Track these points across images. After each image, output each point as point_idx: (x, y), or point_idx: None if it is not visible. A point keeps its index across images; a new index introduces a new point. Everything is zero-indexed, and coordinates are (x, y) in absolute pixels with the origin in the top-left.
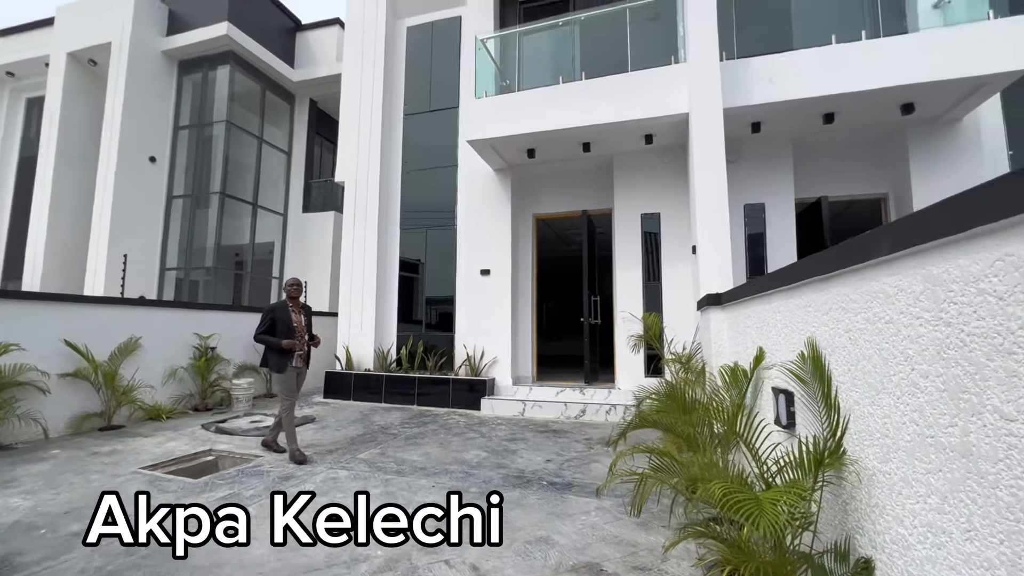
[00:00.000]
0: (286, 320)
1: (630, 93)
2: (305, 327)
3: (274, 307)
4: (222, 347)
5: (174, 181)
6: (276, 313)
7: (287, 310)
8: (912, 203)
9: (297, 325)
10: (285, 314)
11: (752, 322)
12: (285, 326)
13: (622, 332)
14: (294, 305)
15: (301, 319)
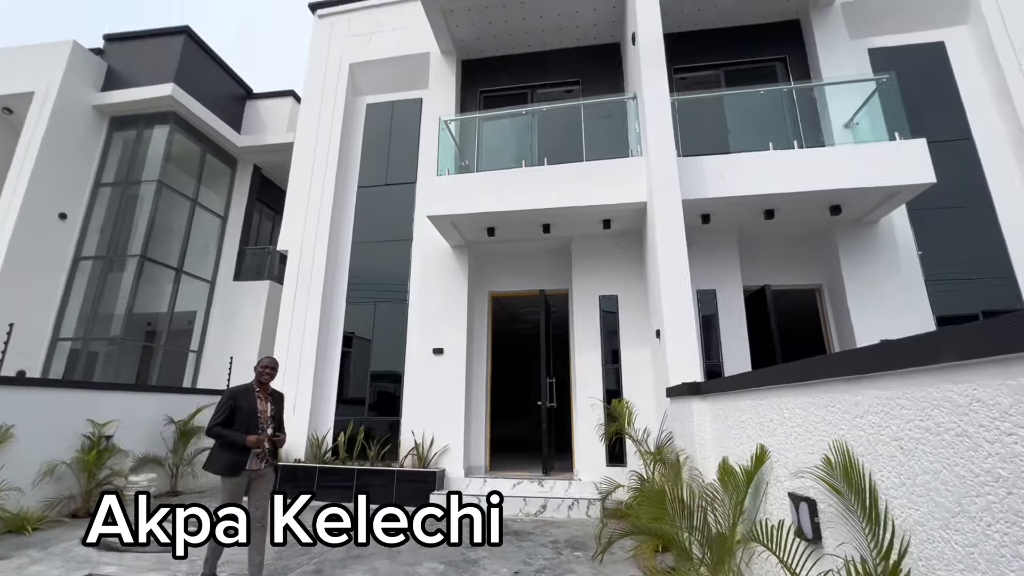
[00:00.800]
0: (249, 408)
1: (592, 180)
2: (271, 419)
3: (236, 392)
4: (121, 435)
5: (85, 241)
6: (238, 400)
7: (253, 396)
8: (845, 293)
9: (261, 414)
10: (250, 401)
11: (747, 417)
12: (247, 415)
13: (583, 417)
14: (262, 391)
15: (268, 408)
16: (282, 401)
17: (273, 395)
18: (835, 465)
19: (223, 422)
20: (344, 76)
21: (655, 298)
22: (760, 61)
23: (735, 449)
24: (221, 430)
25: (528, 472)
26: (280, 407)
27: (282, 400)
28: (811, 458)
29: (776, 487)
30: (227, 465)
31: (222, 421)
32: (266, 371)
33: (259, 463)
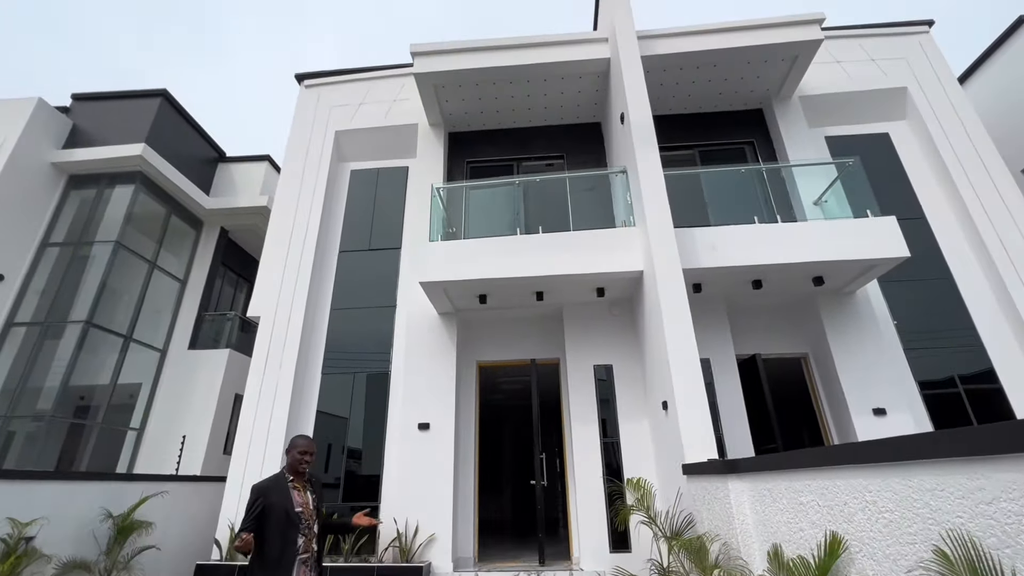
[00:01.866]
0: (283, 504)
1: (586, 248)
2: (316, 511)
3: (265, 487)
4: (46, 536)
5: (21, 304)
6: (269, 496)
7: (286, 489)
8: (833, 361)
9: (303, 509)
10: (283, 496)
11: (808, 499)
12: (282, 514)
13: (583, 496)
14: (297, 481)
15: (310, 499)
16: (320, 487)
17: (311, 482)
18: (955, 559)
19: (250, 528)
20: (329, 143)
21: (657, 369)
22: (730, 143)
23: (790, 536)
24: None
25: (522, 562)
26: (320, 496)
27: (320, 486)
28: (911, 549)
29: None
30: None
31: (249, 527)
32: (305, 457)
33: (309, 572)
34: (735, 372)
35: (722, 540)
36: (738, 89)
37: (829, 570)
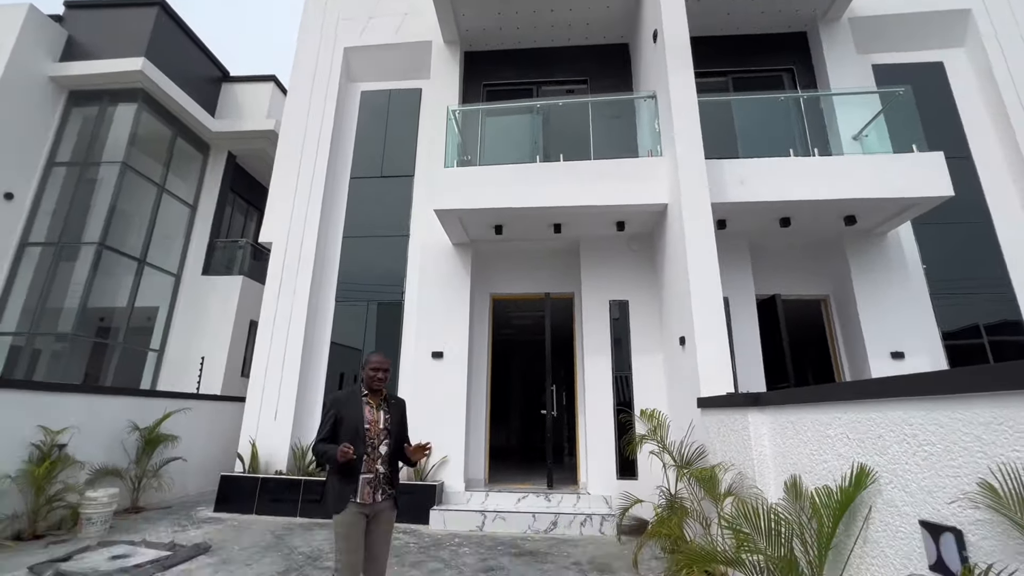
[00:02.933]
0: (354, 418)
1: (609, 179)
2: (386, 431)
3: (338, 399)
4: (77, 444)
5: (33, 224)
6: (341, 407)
7: (359, 404)
8: (855, 304)
9: (371, 426)
10: (355, 410)
11: (836, 432)
12: (352, 429)
13: (593, 427)
14: (372, 398)
15: (381, 418)
16: (403, 410)
17: (389, 402)
18: (1005, 493)
19: (327, 438)
20: (338, 60)
21: (676, 305)
22: (768, 70)
23: (812, 468)
24: (324, 447)
25: (531, 485)
26: (400, 417)
27: (403, 409)
28: (953, 482)
29: (888, 512)
30: (332, 497)
31: (325, 437)
32: (377, 374)
33: (373, 494)
34: (753, 312)
35: (737, 470)
36: (783, 8)
37: (853, 500)
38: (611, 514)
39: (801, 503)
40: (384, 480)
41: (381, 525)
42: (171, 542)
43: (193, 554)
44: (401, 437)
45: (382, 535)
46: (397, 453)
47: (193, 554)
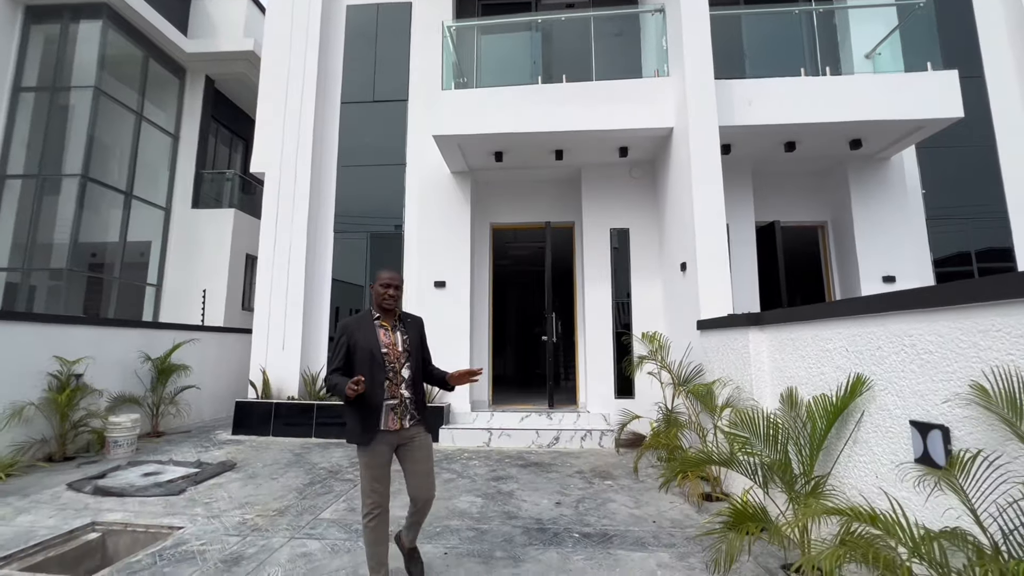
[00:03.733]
0: (368, 343)
1: (613, 101)
2: (406, 353)
3: (349, 324)
4: (93, 374)
5: (9, 155)
6: (352, 333)
7: (372, 327)
8: (852, 230)
9: (388, 350)
10: (368, 334)
11: (835, 346)
12: (367, 355)
13: (592, 351)
14: (385, 319)
15: (398, 340)
16: (421, 328)
17: (404, 321)
18: (995, 392)
19: (341, 368)
20: None
21: (678, 231)
22: None
23: (809, 380)
24: (336, 379)
25: (533, 405)
26: (419, 337)
27: (420, 327)
28: (945, 385)
29: (880, 415)
30: (354, 430)
31: (339, 367)
32: (388, 291)
33: (399, 420)
34: (752, 238)
35: (735, 384)
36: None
37: (848, 406)
38: (609, 430)
39: (796, 411)
40: (411, 405)
41: (416, 450)
42: (197, 460)
43: (220, 470)
44: (421, 356)
45: (421, 457)
46: (421, 376)
47: (220, 470)
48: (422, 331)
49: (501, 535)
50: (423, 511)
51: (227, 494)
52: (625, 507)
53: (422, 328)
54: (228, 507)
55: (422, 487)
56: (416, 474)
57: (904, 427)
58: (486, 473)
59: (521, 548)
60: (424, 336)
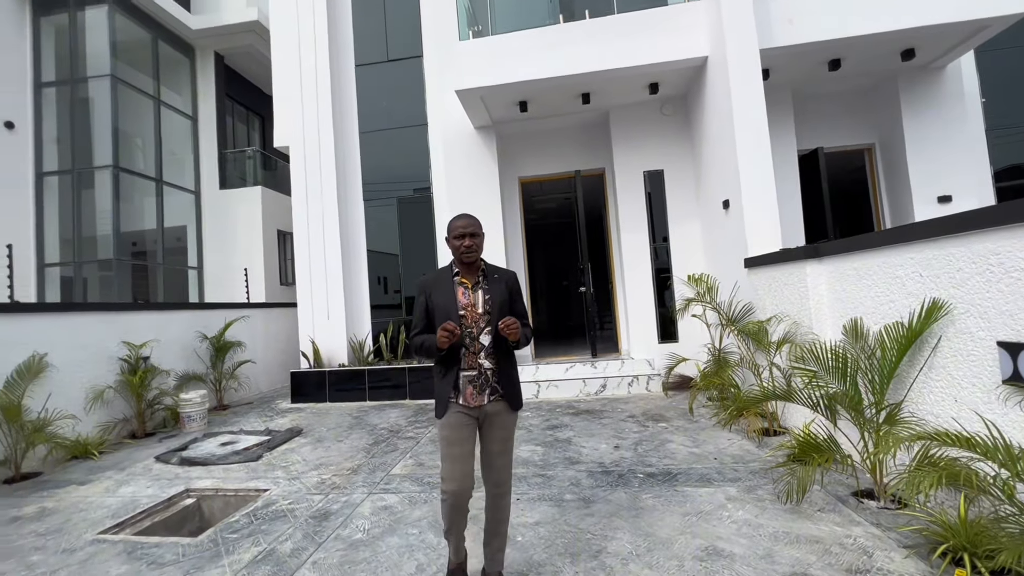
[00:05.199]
0: (445, 304)
1: (640, 34)
2: (487, 316)
3: (427, 282)
4: (157, 355)
5: (43, 154)
6: (431, 291)
7: (450, 284)
8: (904, 149)
9: (466, 312)
10: (445, 292)
11: (906, 272)
12: (443, 317)
13: (633, 298)
14: (466, 274)
15: (480, 299)
16: (510, 284)
17: (488, 275)
18: None
19: (424, 329)
20: None
21: (718, 167)
22: None
23: (876, 309)
24: (421, 339)
25: (576, 356)
26: (507, 294)
27: (509, 284)
28: None
29: (959, 340)
30: (437, 401)
31: (422, 329)
32: (463, 242)
33: (478, 395)
34: (795, 168)
35: (791, 320)
36: None
37: (922, 333)
38: (656, 374)
39: (862, 342)
40: (493, 377)
41: (493, 431)
42: (266, 429)
43: (289, 436)
44: (514, 314)
45: (496, 438)
46: (505, 341)
47: (289, 436)
48: (512, 288)
49: (567, 479)
50: (494, 508)
51: (300, 457)
52: (684, 446)
53: (512, 285)
54: (305, 469)
55: (489, 471)
56: (487, 455)
57: (988, 349)
58: (540, 423)
59: (589, 490)
60: (515, 294)
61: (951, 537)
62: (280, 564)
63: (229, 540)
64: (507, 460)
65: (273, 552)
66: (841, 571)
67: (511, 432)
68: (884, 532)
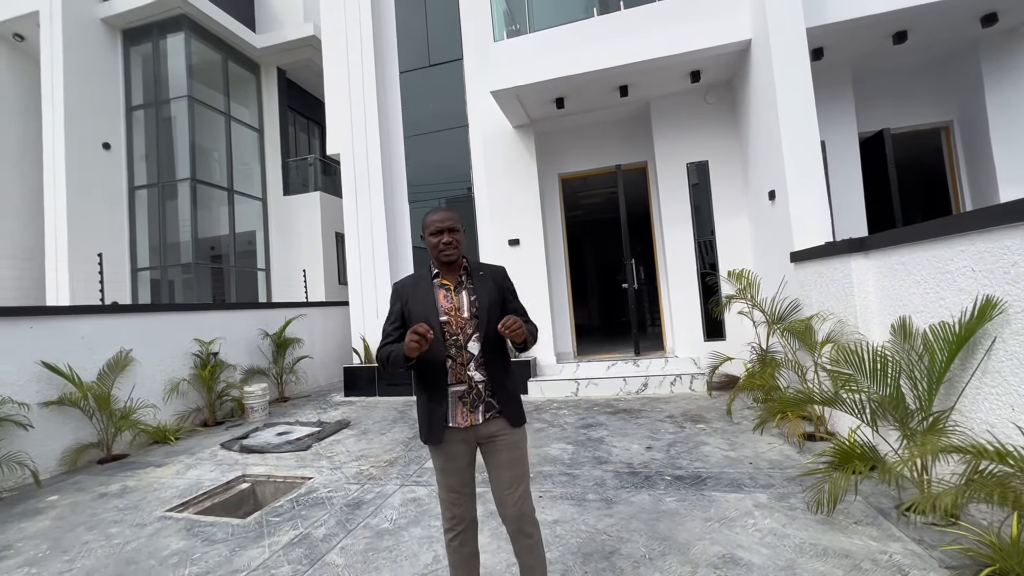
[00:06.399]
0: (425, 310)
1: (680, 21)
2: (474, 320)
3: (402, 286)
4: (225, 351)
5: (134, 170)
6: (407, 297)
7: (429, 288)
8: (988, 127)
9: (450, 317)
10: (423, 297)
11: (956, 266)
12: (421, 320)
13: (677, 294)
14: (446, 275)
15: (464, 302)
16: (499, 281)
17: (472, 273)
18: None
19: (395, 339)
20: None
21: (764, 156)
22: None
23: (925, 307)
24: (388, 350)
25: (618, 354)
26: (496, 293)
27: (498, 281)
28: None
29: (1015, 342)
30: (421, 423)
31: (392, 340)
32: (441, 238)
33: (470, 413)
34: (855, 154)
35: (837, 318)
36: None
37: (975, 332)
38: (700, 373)
39: (911, 342)
40: (486, 391)
41: (498, 455)
42: (318, 420)
43: (337, 428)
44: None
45: (503, 462)
46: (501, 350)
47: (337, 428)
48: (502, 285)
49: (592, 479)
50: (520, 553)
51: (345, 449)
52: (719, 449)
53: (502, 281)
54: (347, 460)
55: (504, 501)
56: (497, 486)
57: None
58: (575, 421)
59: (613, 491)
60: (505, 291)
61: (1000, 560)
62: (312, 547)
63: (272, 523)
64: (523, 489)
65: (308, 536)
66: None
67: (521, 455)
68: (926, 550)
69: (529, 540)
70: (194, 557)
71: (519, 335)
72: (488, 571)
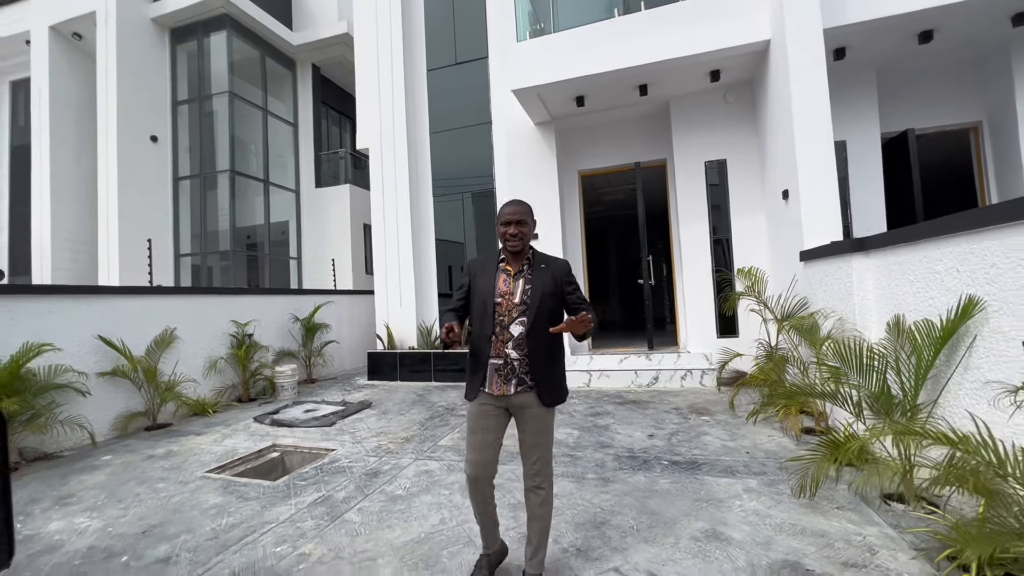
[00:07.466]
0: (485, 290)
1: (698, 21)
2: (522, 306)
3: (473, 263)
4: (258, 333)
5: (179, 161)
6: (474, 275)
7: (493, 270)
8: (1018, 128)
9: (503, 299)
10: (487, 278)
11: (944, 267)
12: (480, 303)
13: (691, 291)
14: (511, 263)
15: (518, 289)
16: (557, 275)
17: (535, 264)
18: None
19: (458, 310)
20: None
21: (779, 155)
22: None
23: (917, 306)
24: (446, 318)
25: (632, 348)
26: (550, 286)
27: (557, 273)
28: None
29: (993, 339)
30: (467, 384)
31: (455, 307)
32: (508, 229)
33: (503, 384)
34: (877, 154)
35: (838, 315)
36: None
37: (956, 331)
38: (711, 368)
39: (902, 340)
40: (521, 367)
41: (525, 423)
42: (342, 400)
43: (360, 408)
44: (550, 310)
45: (528, 435)
46: (541, 334)
47: (360, 408)
48: (562, 279)
49: (593, 461)
50: (529, 504)
51: (366, 426)
52: (719, 439)
53: (563, 275)
54: (367, 435)
55: (524, 461)
56: (521, 444)
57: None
58: (584, 409)
59: (611, 472)
60: (563, 284)
61: (963, 542)
62: (333, 507)
63: (298, 486)
64: (543, 455)
65: (329, 498)
66: (836, 564)
67: (545, 427)
68: (900, 534)
69: (540, 493)
70: (230, 510)
71: (582, 327)
72: None
